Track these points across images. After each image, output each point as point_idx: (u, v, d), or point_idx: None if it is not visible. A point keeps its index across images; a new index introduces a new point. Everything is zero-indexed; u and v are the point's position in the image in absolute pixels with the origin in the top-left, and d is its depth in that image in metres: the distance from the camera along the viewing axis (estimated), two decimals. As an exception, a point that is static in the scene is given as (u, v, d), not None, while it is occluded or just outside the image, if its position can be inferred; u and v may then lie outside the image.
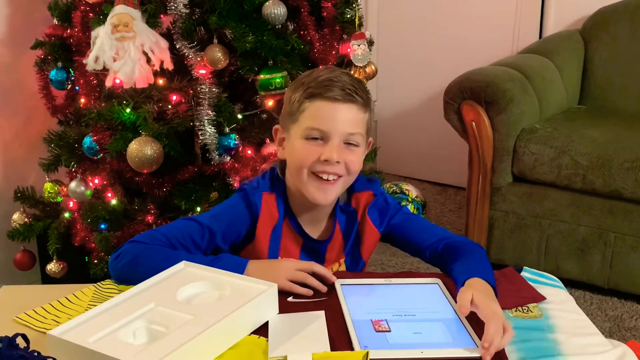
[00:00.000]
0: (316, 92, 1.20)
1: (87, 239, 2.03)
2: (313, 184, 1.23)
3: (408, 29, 3.44)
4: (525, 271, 1.28)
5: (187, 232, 1.23)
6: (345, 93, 1.19)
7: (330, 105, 1.19)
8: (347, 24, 2.10)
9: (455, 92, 2.43)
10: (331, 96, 1.19)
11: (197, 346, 0.92)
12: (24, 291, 1.36)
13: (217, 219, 1.26)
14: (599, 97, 2.82)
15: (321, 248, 1.33)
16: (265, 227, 1.28)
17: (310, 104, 1.21)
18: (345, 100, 1.20)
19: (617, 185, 2.22)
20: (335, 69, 1.25)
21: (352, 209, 1.34)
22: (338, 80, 1.20)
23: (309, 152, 1.21)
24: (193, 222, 1.25)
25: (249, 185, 1.30)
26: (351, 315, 1.07)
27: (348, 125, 1.21)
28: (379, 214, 1.34)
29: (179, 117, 1.89)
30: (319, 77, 1.22)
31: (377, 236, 1.36)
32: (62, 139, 2.10)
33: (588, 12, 2.89)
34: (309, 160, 1.21)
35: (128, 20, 1.78)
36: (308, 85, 1.22)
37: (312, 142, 1.21)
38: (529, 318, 1.11)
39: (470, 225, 2.55)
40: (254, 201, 1.27)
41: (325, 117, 1.20)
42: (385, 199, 1.35)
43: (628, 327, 2.19)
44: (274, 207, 1.29)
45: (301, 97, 1.22)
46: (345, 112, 1.20)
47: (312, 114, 1.20)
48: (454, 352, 0.99)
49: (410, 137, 3.54)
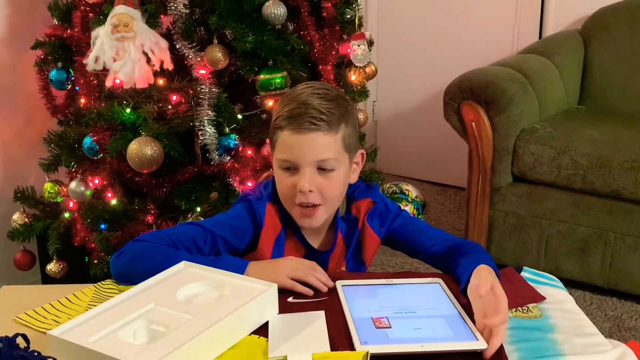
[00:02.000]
0: (282, 124, 1.21)
1: (87, 239, 2.03)
2: (297, 212, 1.26)
3: (408, 29, 3.44)
4: (525, 271, 1.28)
5: (190, 235, 1.24)
6: (309, 122, 1.19)
7: (295, 137, 1.20)
8: (347, 24, 2.10)
9: (455, 92, 2.43)
10: (294, 128, 1.20)
11: (197, 346, 0.92)
12: (24, 291, 1.36)
13: (220, 226, 1.27)
14: (599, 97, 2.82)
15: (324, 258, 1.33)
16: (269, 237, 1.29)
17: (280, 134, 1.22)
18: (310, 130, 1.19)
19: (617, 185, 2.22)
20: (308, 91, 1.23)
21: (353, 216, 1.35)
22: (305, 108, 1.20)
23: (287, 183, 1.23)
24: (196, 226, 1.26)
25: (253, 195, 1.31)
26: (352, 313, 1.07)
27: (316, 153, 1.21)
28: (379, 220, 1.34)
29: (179, 117, 1.89)
30: (289, 105, 1.22)
31: (378, 242, 1.37)
32: (62, 139, 2.10)
33: (588, 12, 2.89)
34: (289, 193, 1.24)
35: (128, 21, 1.78)
36: (278, 114, 1.23)
37: (287, 172, 1.23)
38: (529, 318, 1.11)
39: (470, 225, 2.55)
40: (259, 211, 1.28)
41: (292, 149, 1.21)
42: (386, 204, 1.36)
43: (628, 327, 2.19)
44: (277, 217, 1.30)
45: (274, 126, 1.24)
46: (310, 141, 1.20)
47: (281, 145, 1.23)
48: (454, 346, 0.99)
49: (410, 137, 3.54)
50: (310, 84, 1.27)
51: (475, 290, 1.08)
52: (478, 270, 1.13)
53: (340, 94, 1.31)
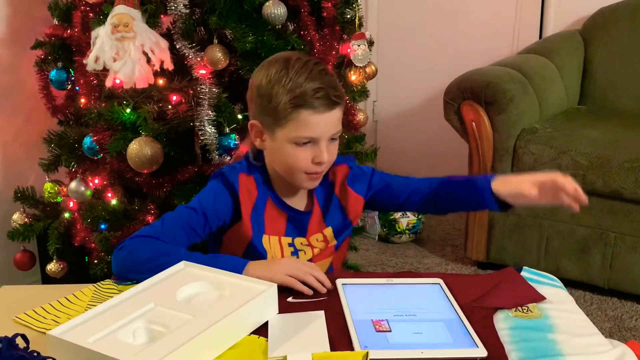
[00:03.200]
0: (302, 102, 1.23)
1: (87, 239, 2.03)
2: (305, 178, 1.31)
3: (408, 29, 3.44)
4: (525, 271, 1.28)
5: (185, 219, 1.29)
6: (330, 101, 1.24)
7: (318, 116, 1.24)
8: (347, 24, 2.10)
9: (455, 92, 2.43)
10: (318, 106, 1.23)
11: (196, 346, 0.92)
12: (24, 291, 1.36)
13: (204, 201, 1.32)
14: (599, 97, 2.82)
15: (304, 218, 1.39)
16: (246, 205, 1.33)
17: (297, 114, 1.24)
18: (331, 108, 1.25)
19: (617, 186, 2.22)
20: (311, 67, 1.25)
21: (329, 180, 1.41)
22: (322, 88, 1.23)
23: (302, 157, 1.28)
24: (185, 209, 1.31)
25: (226, 168, 1.38)
26: (352, 315, 1.07)
27: (333, 127, 1.28)
28: (359, 181, 1.42)
29: (179, 117, 1.89)
30: (302, 84, 1.23)
31: (362, 202, 1.43)
32: (62, 139, 2.10)
33: (588, 12, 2.89)
34: (303, 165, 1.28)
35: (128, 21, 1.78)
36: (293, 93, 1.23)
37: (302, 147, 1.27)
38: (529, 318, 1.11)
39: (470, 225, 2.55)
40: (232, 181, 1.33)
41: (315, 126, 1.25)
42: (360, 168, 1.45)
43: (628, 327, 2.19)
44: (252, 186, 1.35)
45: (286, 104, 1.24)
46: (331, 118, 1.26)
47: (301, 124, 1.25)
48: (455, 353, 0.99)
49: (410, 137, 3.54)
50: (300, 58, 1.28)
51: (521, 187, 1.26)
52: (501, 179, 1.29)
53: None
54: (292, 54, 1.31)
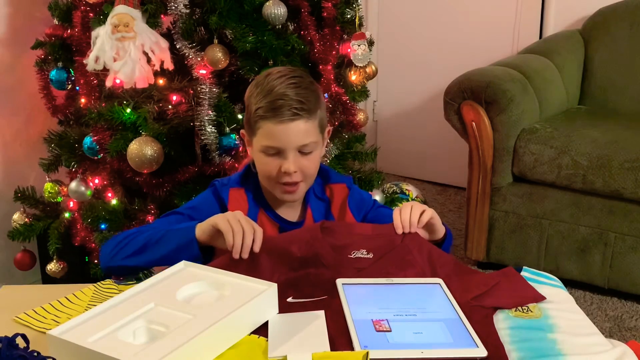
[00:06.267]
0: (265, 114, 1.29)
1: (87, 239, 2.03)
2: (280, 189, 1.35)
3: (408, 29, 3.44)
4: (525, 271, 1.28)
5: (172, 222, 1.34)
6: (291, 113, 1.28)
7: (279, 126, 1.28)
8: (347, 24, 2.10)
9: (455, 92, 2.43)
10: (279, 119, 1.28)
11: (196, 346, 0.92)
12: (24, 291, 1.36)
13: (195, 210, 1.38)
14: (599, 97, 2.82)
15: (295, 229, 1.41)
16: None
17: (262, 124, 1.30)
18: (293, 119, 1.28)
19: (617, 186, 2.22)
20: (284, 80, 1.30)
21: (327, 198, 1.45)
22: (284, 100, 1.27)
23: (270, 166, 1.33)
24: (175, 214, 1.37)
25: (219, 181, 1.42)
26: (352, 315, 1.07)
27: (299, 139, 1.30)
28: (358, 207, 1.46)
29: (179, 117, 1.89)
30: (267, 96, 1.29)
31: None
32: (62, 139, 2.10)
33: (588, 12, 2.89)
34: (272, 173, 1.33)
35: (128, 20, 1.78)
36: (259, 104, 1.30)
37: (270, 156, 1.32)
38: (529, 318, 1.11)
39: (470, 225, 2.55)
40: (222, 196, 1.39)
41: (278, 137, 1.29)
42: (360, 193, 1.50)
43: (628, 327, 2.19)
44: (243, 200, 1.40)
45: (255, 115, 1.31)
46: (293, 130, 1.29)
47: (266, 134, 1.30)
48: (455, 352, 0.99)
49: (410, 137, 3.54)
50: (281, 71, 1.33)
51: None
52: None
53: (309, 77, 1.38)
54: (277, 69, 1.36)
